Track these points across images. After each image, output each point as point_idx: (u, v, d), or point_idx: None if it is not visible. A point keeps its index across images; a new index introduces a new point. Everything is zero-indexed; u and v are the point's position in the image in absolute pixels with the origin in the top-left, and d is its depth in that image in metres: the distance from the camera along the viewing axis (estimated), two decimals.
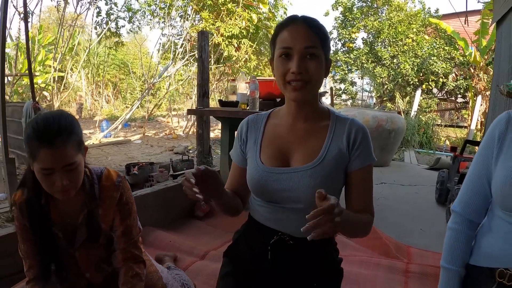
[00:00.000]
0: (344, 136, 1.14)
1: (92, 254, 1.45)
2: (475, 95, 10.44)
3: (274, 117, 1.25)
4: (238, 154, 1.27)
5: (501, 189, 0.99)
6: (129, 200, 1.46)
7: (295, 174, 1.13)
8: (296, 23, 1.09)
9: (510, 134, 1.02)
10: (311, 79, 1.08)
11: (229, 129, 3.14)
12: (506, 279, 0.97)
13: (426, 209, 3.79)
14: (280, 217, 1.17)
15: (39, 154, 1.19)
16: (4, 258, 1.88)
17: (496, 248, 1.02)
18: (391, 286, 1.99)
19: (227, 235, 2.65)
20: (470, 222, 1.10)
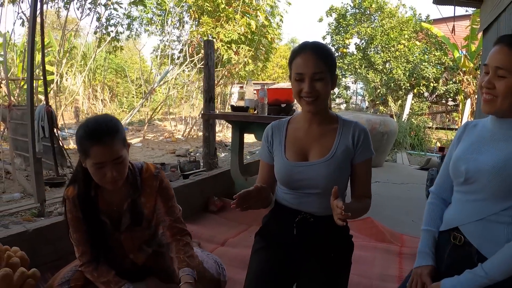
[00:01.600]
0: (350, 136, 1.46)
1: (135, 237, 1.68)
2: (465, 98, 10.84)
3: (293, 123, 1.57)
4: (267, 154, 1.57)
5: (452, 164, 1.34)
6: (168, 186, 1.69)
7: (314, 167, 1.45)
8: (306, 52, 1.40)
9: (464, 135, 1.38)
10: (320, 96, 1.40)
11: (239, 132, 3.44)
12: (458, 240, 1.29)
13: (417, 205, 4.08)
14: (302, 201, 1.50)
15: (92, 151, 1.40)
16: (46, 245, 2.07)
17: (451, 214, 1.35)
18: (387, 264, 2.31)
19: (241, 226, 2.95)
20: (442, 199, 1.44)
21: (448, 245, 1.32)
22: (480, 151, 1.27)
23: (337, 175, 1.45)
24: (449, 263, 1.31)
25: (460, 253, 1.28)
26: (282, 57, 29.57)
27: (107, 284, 1.53)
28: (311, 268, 1.48)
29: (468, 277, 1.19)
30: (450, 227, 1.32)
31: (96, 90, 15.59)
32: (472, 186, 1.25)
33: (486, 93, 1.22)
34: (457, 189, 1.34)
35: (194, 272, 1.58)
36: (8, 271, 1.47)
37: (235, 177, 3.57)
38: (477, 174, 1.23)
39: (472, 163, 1.25)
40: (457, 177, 1.31)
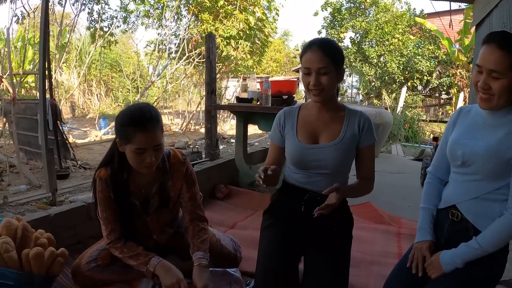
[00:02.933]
0: (356, 123, 1.62)
1: (160, 219, 1.77)
2: (458, 91, 11.03)
3: (304, 109, 1.71)
4: (278, 137, 1.70)
5: (448, 149, 1.46)
6: (192, 172, 1.78)
7: (324, 149, 1.60)
8: (312, 48, 1.53)
9: (459, 120, 1.49)
10: (325, 88, 1.54)
11: (243, 122, 3.57)
12: (455, 216, 1.42)
13: (412, 192, 4.26)
14: (310, 180, 1.64)
15: (135, 137, 1.47)
16: (65, 230, 2.15)
17: (448, 192, 1.48)
18: (387, 243, 2.47)
19: (248, 211, 3.09)
20: (439, 179, 1.57)
21: (447, 221, 1.45)
22: (475, 136, 1.38)
23: (344, 158, 1.61)
24: (447, 237, 1.45)
25: (457, 228, 1.42)
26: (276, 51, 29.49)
27: (136, 258, 1.60)
28: (317, 242, 1.63)
29: (464, 250, 1.33)
30: (448, 205, 1.45)
31: (92, 85, 15.55)
32: (468, 169, 1.37)
33: (483, 93, 1.31)
34: (454, 170, 1.46)
35: (207, 254, 1.67)
36: (40, 250, 1.55)
37: (239, 166, 3.70)
38: (473, 158, 1.34)
39: (468, 148, 1.36)
40: (454, 160, 1.43)
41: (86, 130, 10.63)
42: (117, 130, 1.56)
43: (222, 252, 1.87)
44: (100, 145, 8.70)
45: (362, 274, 1.93)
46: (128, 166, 1.61)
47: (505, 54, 1.23)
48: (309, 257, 1.63)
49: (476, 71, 1.33)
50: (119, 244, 1.63)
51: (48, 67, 4.86)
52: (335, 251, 1.59)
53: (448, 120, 1.57)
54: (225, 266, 1.81)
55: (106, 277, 1.69)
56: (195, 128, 11.48)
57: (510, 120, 1.31)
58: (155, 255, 1.62)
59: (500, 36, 1.27)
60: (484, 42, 1.30)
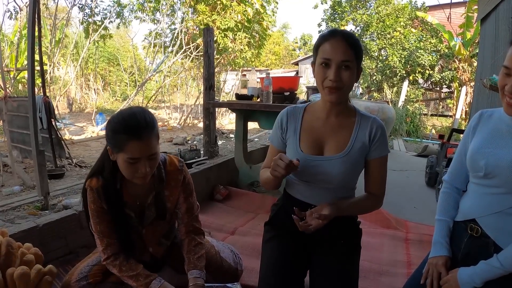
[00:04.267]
0: (367, 131, 1.40)
1: (156, 231, 1.64)
2: (460, 85, 10.91)
3: (310, 111, 1.49)
4: (279, 140, 1.51)
5: (469, 158, 1.33)
6: (190, 181, 1.65)
7: (329, 162, 1.40)
8: (336, 37, 1.31)
9: (480, 125, 1.37)
10: (344, 86, 1.32)
11: (243, 120, 3.43)
12: (475, 231, 1.30)
13: (418, 191, 4.17)
14: (314, 193, 1.47)
15: (128, 146, 1.34)
16: (55, 240, 2.03)
17: (467, 205, 1.36)
18: (395, 250, 2.36)
19: (248, 214, 2.97)
20: (456, 188, 1.45)
21: (465, 236, 1.34)
22: (498, 145, 1.26)
23: (351, 172, 1.42)
24: (466, 252, 1.33)
25: (477, 244, 1.30)
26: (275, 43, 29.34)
27: (135, 278, 1.48)
28: (323, 255, 1.50)
29: (484, 268, 1.22)
30: (467, 218, 1.33)
31: (89, 79, 15.39)
32: (492, 181, 1.25)
33: (510, 98, 1.19)
34: (475, 181, 1.33)
35: (203, 273, 1.56)
36: (25, 270, 1.42)
37: (239, 165, 3.58)
38: (497, 169, 1.22)
39: (492, 158, 1.24)
40: (476, 171, 1.30)
41: (83, 126, 10.50)
42: (108, 137, 1.41)
43: (222, 266, 1.75)
44: (97, 142, 8.57)
45: (371, 286, 1.81)
46: (121, 175, 1.48)
47: None
48: (315, 272, 1.50)
49: (503, 74, 1.19)
50: (117, 262, 1.50)
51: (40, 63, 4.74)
52: (342, 265, 1.46)
53: (467, 125, 1.43)
54: (225, 280, 1.70)
55: None
56: (193, 122, 11.35)
57: None
58: (156, 276, 1.50)
59: None
60: None
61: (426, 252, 2.24)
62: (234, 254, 1.86)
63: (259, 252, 2.13)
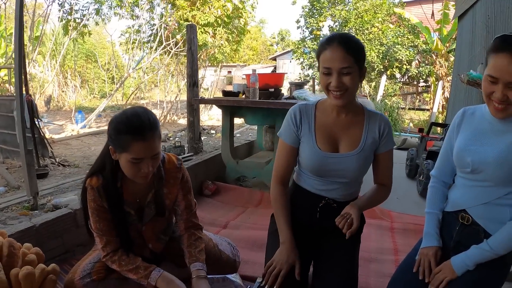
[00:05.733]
0: (376, 128, 1.52)
1: (156, 227, 1.67)
2: (437, 80, 11.21)
3: (321, 109, 1.56)
4: (293, 137, 1.55)
5: (456, 155, 1.43)
6: (188, 179, 1.68)
7: (345, 159, 1.50)
8: (333, 45, 1.37)
9: (463, 123, 1.46)
10: (348, 89, 1.40)
11: (229, 116, 3.49)
12: (466, 220, 1.41)
13: (399, 183, 4.31)
14: (327, 188, 1.56)
15: (132, 146, 1.36)
16: (52, 240, 2.03)
17: (457, 197, 1.46)
18: (382, 239, 2.48)
19: (238, 209, 3.04)
20: (443, 182, 1.56)
21: (457, 224, 1.44)
22: (482, 142, 1.35)
23: (364, 166, 1.53)
24: (457, 240, 1.44)
25: (468, 231, 1.41)
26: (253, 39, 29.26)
27: (135, 271, 1.51)
28: (327, 247, 1.59)
29: (475, 252, 1.33)
30: (458, 209, 1.44)
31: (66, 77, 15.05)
32: (478, 176, 1.35)
33: (500, 104, 1.25)
34: (463, 176, 1.43)
35: (204, 265, 1.60)
36: (30, 270, 1.42)
37: (226, 161, 3.63)
38: (483, 165, 1.32)
39: (477, 156, 1.33)
40: (463, 167, 1.40)
41: (62, 124, 10.29)
42: (111, 138, 1.43)
43: (221, 258, 1.80)
44: (78, 140, 8.42)
45: (362, 273, 1.89)
46: (121, 173, 1.51)
47: None
48: (319, 262, 1.59)
49: (488, 82, 1.25)
50: (116, 257, 1.53)
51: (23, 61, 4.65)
52: (344, 257, 1.56)
53: (451, 123, 1.52)
54: (224, 272, 1.75)
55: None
56: (173, 119, 11.27)
57: None
58: (155, 267, 1.54)
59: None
60: (496, 50, 1.22)
61: (411, 240, 2.39)
62: (232, 246, 1.90)
63: (253, 244, 2.21)
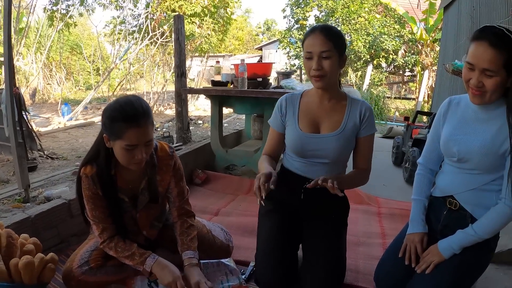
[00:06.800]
0: (357, 113, 1.62)
1: (149, 214, 1.71)
2: (422, 69, 11.35)
3: (306, 96, 1.69)
4: (279, 123, 1.70)
5: (443, 145, 1.50)
6: (180, 166, 1.72)
7: (325, 139, 1.61)
8: (315, 32, 1.51)
9: (449, 112, 1.53)
10: (327, 73, 1.51)
11: (218, 106, 3.52)
12: (453, 205, 1.48)
13: (385, 170, 4.42)
14: (310, 169, 1.66)
15: (126, 133, 1.39)
16: (47, 230, 2.04)
17: (445, 183, 1.53)
18: (369, 223, 2.58)
19: (228, 196, 3.10)
20: (430, 169, 1.64)
21: (444, 209, 1.52)
22: (467, 131, 1.42)
23: (344, 148, 1.62)
24: (445, 224, 1.52)
25: (455, 216, 1.48)
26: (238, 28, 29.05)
27: (131, 257, 1.55)
28: (315, 228, 1.67)
29: (461, 236, 1.41)
30: (446, 195, 1.51)
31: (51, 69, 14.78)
32: (466, 164, 1.42)
33: (476, 90, 1.31)
34: (450, 163, 1.51)
35: (196, 253, 1.66)
36: (30, 259, 1.45)
37: (215, 150, 3.68)
38: (469, 154, 1.39)
39: (463, 145, 1.40)
40: (450, 156, 1.48)
41: (48, 117, 10.16)
42: (105, 126, 1.46)
43: (215, 243, 1.86)
44: (65, 133, 8.34)
45: (351, 256, 1.99)
46: (115, 161, 1.54)
47: (498, 53, 1.22)
48: (308, 243, 1.67)
49: (467, 68, 1.32)
50: (113, 244, 1.58)
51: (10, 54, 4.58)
52: (332, 237, 1.64)
53: (437, 112, 1.58)
54: (218, 257, 1.81)
55: (100, 279, 1.61)
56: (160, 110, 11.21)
57: (501, 113, 1.33)
58: (151, 253, 1.59)
59: (492, 34, 1.24)
60: (475, 39, 1.28)
61: (397, 224, 2.49)
62: (225, 232, 1.96)
63: (244, 229, 2.28)
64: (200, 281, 1.54)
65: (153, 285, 1.58)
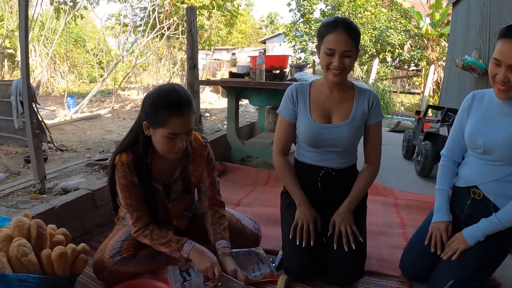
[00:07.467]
0: (365, 101, 1.68)
1: (181, 204, 1.71)
2: (428, 64, 11.31)
3: (315, 87, 1.74)
4: (291, 113, 1.73)
5: (468, 138, 1.55)
6: (213, 157, 1.72)
7: (337, 129, 1.67)
8: (338, 29, 1.52)
9: (473, 106, 1.58)
10: (346, 69, 1.57)
11: (235, 98, 3.53)
12: (477, 195, 1.54)
13: (396, 163, 4.42)
14: (324, 158, 1.72)
15: (170, 121, 1.38)
16: (72, 221, 2.01)
17: (469, 173, 1.58)
18: (388, 214, 2.60)
19: (247, 188, 3.10)
20: (453, 161, 1.68)
21: (468, 199, 1.57)
22: (492, 124, 1.47)
23: (355, 136, 1.68)
24: (469, 213, 1.57)
25: (479, 206, 1.54)
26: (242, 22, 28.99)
27: (167, 244, 1.54)
28: None
29: (485, 224, 1.47)
30: (470, 185, 1.56)
31: (55, 62, 14.75)
32: (490, 156, 1.47)
33: (502, 85, 1.37)
34: (474, 155, 1.56)
35: (229, 243, 1.65)
36: (63, 250, 1.41)
37: (232, 141, 3.68)
38: (493, 147, 1.44)
39: (488, 138, 1.45)
40: (475, 148, 1.52)
41: (54, 110, 10.16)
42: (146, 113, 1.45)
43: (245, 233, 1.86)
44: (72, 125, 8.33)
45: (374, 245, 2.01)
46: (151, 150, 1.54)
47: None
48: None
49: (494, 64, 1.38)
50: (148, 231, 1.56)
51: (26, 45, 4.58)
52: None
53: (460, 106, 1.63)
54: (247, 246, 1.82)
55: (133, 270, 1.58)
56: None
57: None
58: (187, 239, 1.58)
59: None
60: (502, 36, 1.35)
61: (415, 215, 2.50)
62: (253, 221, 1.96)
63: (268, 220, 2.30)
64: (237, 270, 1.54)
65: (185, 275, 1.58)
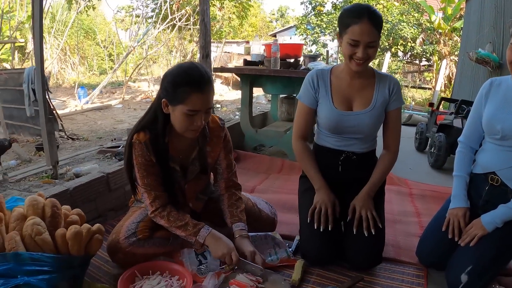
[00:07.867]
0: (386, 88, 1.67)
1: (197, 186, 1.69)
2: (439, 59, 11.15)
3: (335, 73, 1.71)
4: (311, 99, 1.71)
5: (486, 123, 1.54)
6: (229, 139, 1.71)
7: (359, 116, 1.66)
8: (363, 20, 1.47)
9: (491, 93, 1.57)
10: (369, 59, 1.56)
11: (249, 86, 3.51)
12: (495, 181, 1.53)
13: (409, 155, 4.38)
14: (345, 143, 1.71)
15: (190, 98, 1.37)
16: (85, 203, 2.01)
17: (486, 160, 1.57)
18: (403, 203, 2.59)
19: (260, 175, 3.10)
20: (470, 148, 1.68)
21: (486, 185, 1.56)
22: (509, 111, 1.47)
23: (376, 123, 1.67)
24: (486, 199, 1.56)
25: (497, 192, 1.53)
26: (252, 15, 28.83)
27: (184, 227, 1.51)
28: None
29: (503, 210, 1.46)
30: (488, 171, 1.55)
31: (66, 53, 14.83)
32: (508, 142, 1.46)
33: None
34: (492, 141, 1.54)
35: (246, 225, 1.63)
36: (78, 229, 1.38)
37: (245, 129, 3.68)
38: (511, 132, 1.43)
39: (507, 123, 1.45)
40: (493, 134, 1.51)
41: (64, 100, 10.25)
42: (166, 90, 1.43)
43: (261, 216, 1.84)
44: (83, 115, 8.40)
45: (390, 233, 2.00)
46: (169, 129, 1.52)
47: None
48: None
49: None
50: (165, 212, 1.53)
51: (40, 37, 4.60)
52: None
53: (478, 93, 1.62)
54: (264, 230, 1.81)
55: (148, 251, 1.56)
56: None
57: None
58: (204, 224, 1.55)
59: None
60: None
61: (430, 205, 2.49)
62: (269, 205, 1.94)
63: (283, 206, 2.29)
64: (256, 252, 1.53)
65: (201, 258, 1.57)
